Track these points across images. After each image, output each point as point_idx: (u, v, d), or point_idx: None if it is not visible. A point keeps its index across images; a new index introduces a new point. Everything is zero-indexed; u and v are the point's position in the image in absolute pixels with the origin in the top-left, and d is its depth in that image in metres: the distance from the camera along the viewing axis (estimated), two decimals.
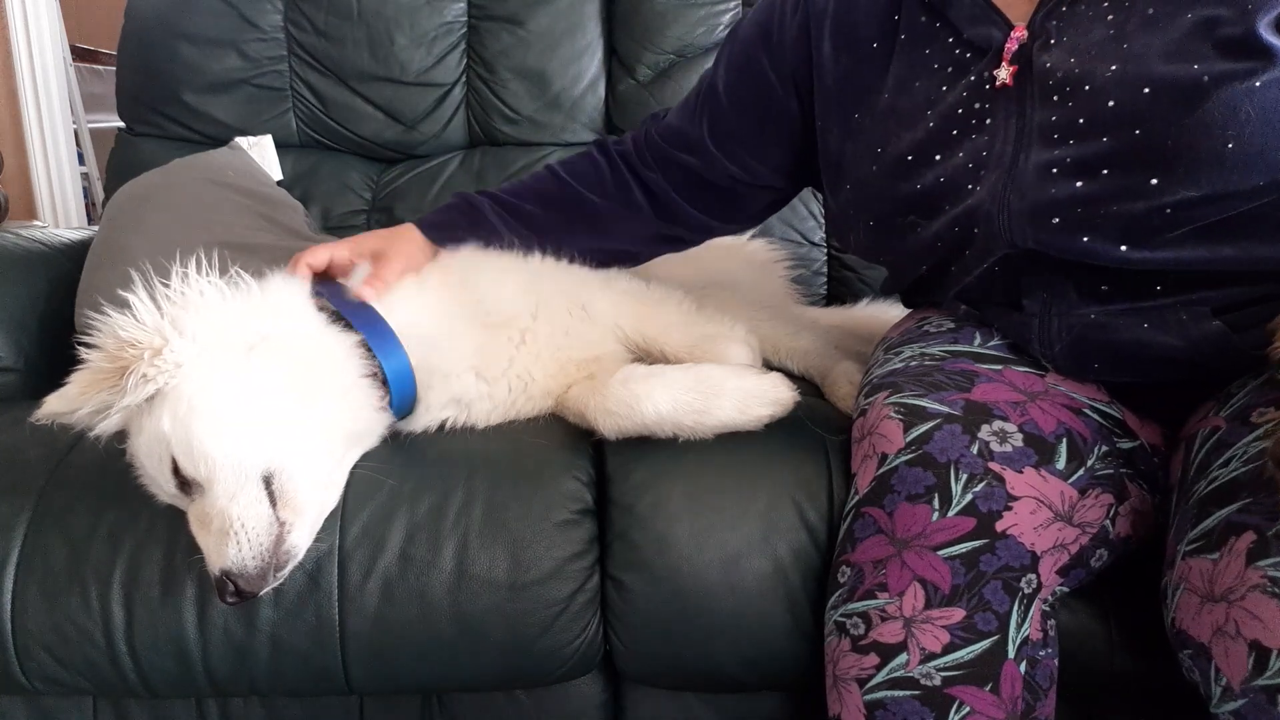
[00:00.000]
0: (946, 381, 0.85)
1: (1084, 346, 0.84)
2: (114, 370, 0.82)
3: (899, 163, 0.90)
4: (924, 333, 0.96)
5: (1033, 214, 0.80)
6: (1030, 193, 0.80)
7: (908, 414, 0.82)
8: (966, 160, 0.85)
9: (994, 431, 0.80)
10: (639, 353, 1.08)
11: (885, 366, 0.92)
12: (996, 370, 0.86)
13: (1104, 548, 0.81)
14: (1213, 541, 0.69)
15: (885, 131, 0.92)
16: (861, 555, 0.80)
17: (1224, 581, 0.67)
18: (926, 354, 0.91)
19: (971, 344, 0.91)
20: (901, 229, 0.91)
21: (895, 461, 0.80)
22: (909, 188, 0.89)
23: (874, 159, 0.92)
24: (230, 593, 0.81)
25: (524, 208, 1.14)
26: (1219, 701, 0.66)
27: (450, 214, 1.14)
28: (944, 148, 0.87)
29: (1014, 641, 0.76)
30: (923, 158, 0.88)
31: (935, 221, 0.88)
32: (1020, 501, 0.77)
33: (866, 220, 0.95)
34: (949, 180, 0.86)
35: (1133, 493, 0.83)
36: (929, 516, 0.77)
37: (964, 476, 0.77)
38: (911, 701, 0.75)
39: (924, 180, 0.88)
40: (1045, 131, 0.80)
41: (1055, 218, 0.79)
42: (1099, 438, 0.83)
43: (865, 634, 0.78)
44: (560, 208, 1.13)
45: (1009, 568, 0.76)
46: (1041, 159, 0.80)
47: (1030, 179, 0.80)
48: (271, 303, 0.92)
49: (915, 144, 0.89)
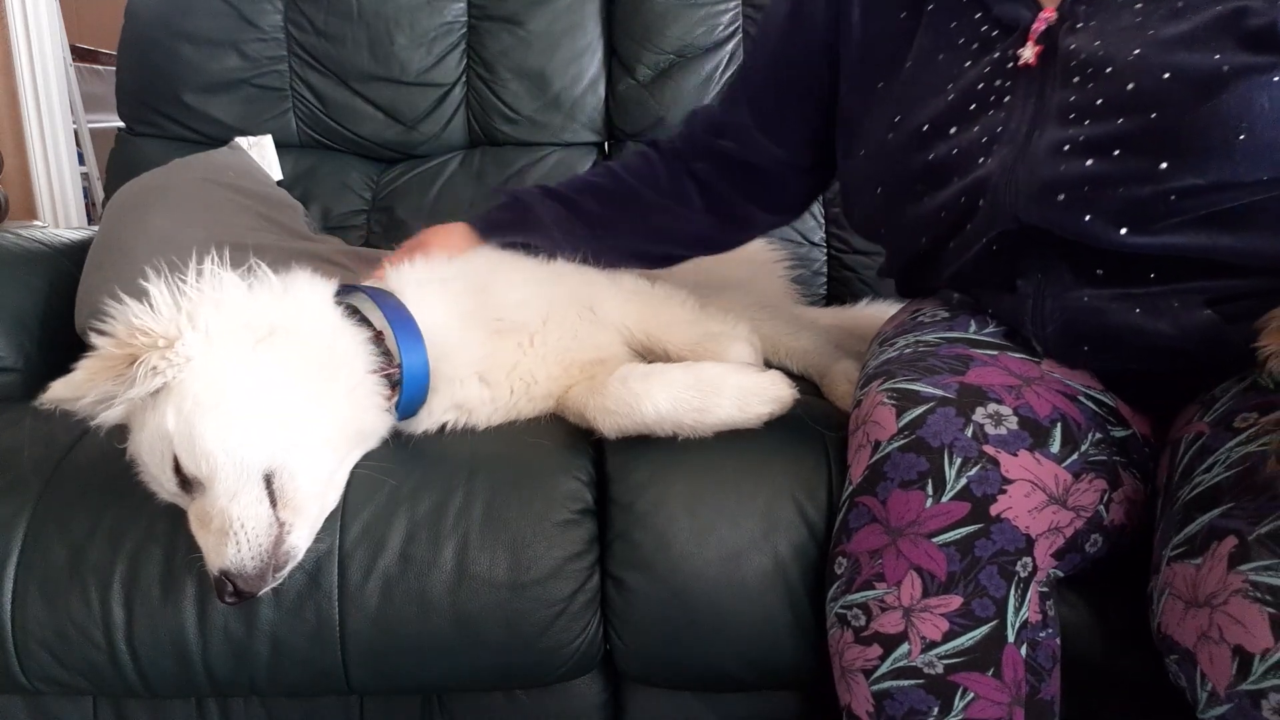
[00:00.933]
0: (941, 365, 0.85)
1: (1076, 329, 0.84)
2: (123, 358, 0.82)
3: (915, 133, 0.91)
4: (918, 323, 0.96)
5: (1040, 189, 0.81)
6: (1040, 169, 0.81)
7: (900, 398, 0.82)
8: (981, 135, 0.86)
9: (988, 414, 0.79)
10: (643, 351, 1.09)
11: (879, 357, 0.93)
12: (992, 355, 0.87)
13: (1098, 533, 0.81)
14: (1196, 546, 0.69)
15: (905, 102, 0.93)
16: (857, 545, 0.80)
17: (1207, 587, 0.67)
18: (921, 341, 0.91)
19: (966, 331, 0.91)
20: (909, 198, 0.92)
21: (888, 448, 0.80)
22: (922, 158, 0.90)
23: (891, 127, 0.93)
24: (229, 593, 0.81)
25: (578, 201, 1.15)
26: (1205, 707, 0.66)
27: (501, 213, 1.17)
28: (960, 121, 0.88)
29: (1013, 626, 0.76)
30: (939, 130, 0.89)
31: (942, 192, 0.89)
32: (1014, 484, 0.77)
33: (875, 187, 0.96)
34: (961, 153, 0.87)
35: (1125, 480, 0.83)
36: (922, 503, 0.77)
37: (958, 460, 0.77)
38: (917, 690, 0.75)
39: (937, 151, 0.89)
40: (1062, 111, 0.81)
41: (1061, 194, 0.79)
42: (1093, 424, 0.83)
43: (866, 625, 0.78)
44: (616, 202, 1.15)
45: (1004, 552, 0.76)
46: (1055, 137, 0.80)
47: (1042, 155, 0.81)
48: (290, 298, 0.92)
49: (933, 116, 0.90)
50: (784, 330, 1.21)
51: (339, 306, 0.95)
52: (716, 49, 1.68)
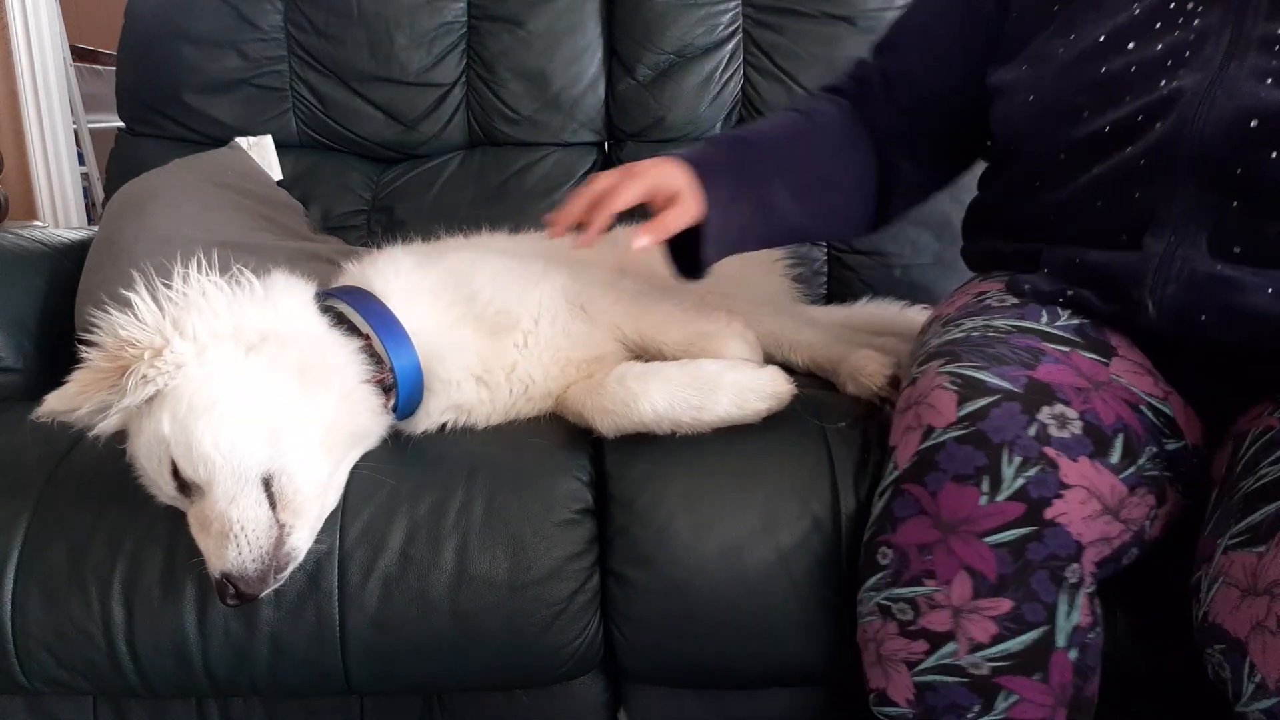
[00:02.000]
0: (1011, 356, 0.81)
1: (1198, 297, 0.80)
2: (114, 370, 0.82)
3: (1089, 46, 0.87)
4: (986, 307, 0.92)
5: (1236, 115, 0.77)
6: (1238, 96, 0.77)
7: (964, 386, 0.78)
8: (1165, 55, 0.82)
9: (1054, 415, 0.76)
10: (638, 351, 1.08)
11: (943, 336, 0.88)
12: (1064, 352, 0.82)
13: (1137, 547, 0.80)
14: (1260, 535, 0.68)
15: (1083, 16, 0.89)
16: (904, 538, 0.78)
17: (1269, 575, 0.66)
18: (991, 326, 0.87)
19: (1039, 322, 0.87)
20: (1068, 117, 0.88)
21: (943, 436, 0.76)
22: (1093, 70, 0.86)
23: (1063, 43, 0.90)
24: (231, 595, 0.81)
25: (795, 148, 1.04)
26: (1250, 699, 0.65)
27: (720, 152, 1.00)
28: (1141, 36, 0.85)
29: (1063, 631, 0.75)
30: (1116, 42, 0.86)
31: (1112, 110, 0.85)
32: (1072, 490, 0.74)
33: (1028, 96, 0.92)
34: (1140, 69, 0.83)
35: (1170, 497, 0.82)
36: (976, 500, 0.74)
37: (1017, 459, 0.74)
38: (960, 688, 0.75)
39: (1111, 65, 0.85)
40: (1266, 42, 0.78)
41: (1256, 121, 0.76)
42: (1150, 438, 0.81)
43: (914, 620, 0.77)
44: (811, 143, 1.04)
45: (1055, 557, 0.74)
46: (1258, 65, 0.78)
47: (1242, 82, 0.78)
48: (274, 304, 0.92)
49: (1112, 28, 0.86)
50: (787, 325, 1.19)
51: (324, 314, 0.95)
52: (716, 49, 1.68)
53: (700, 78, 1.67)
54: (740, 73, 1.69)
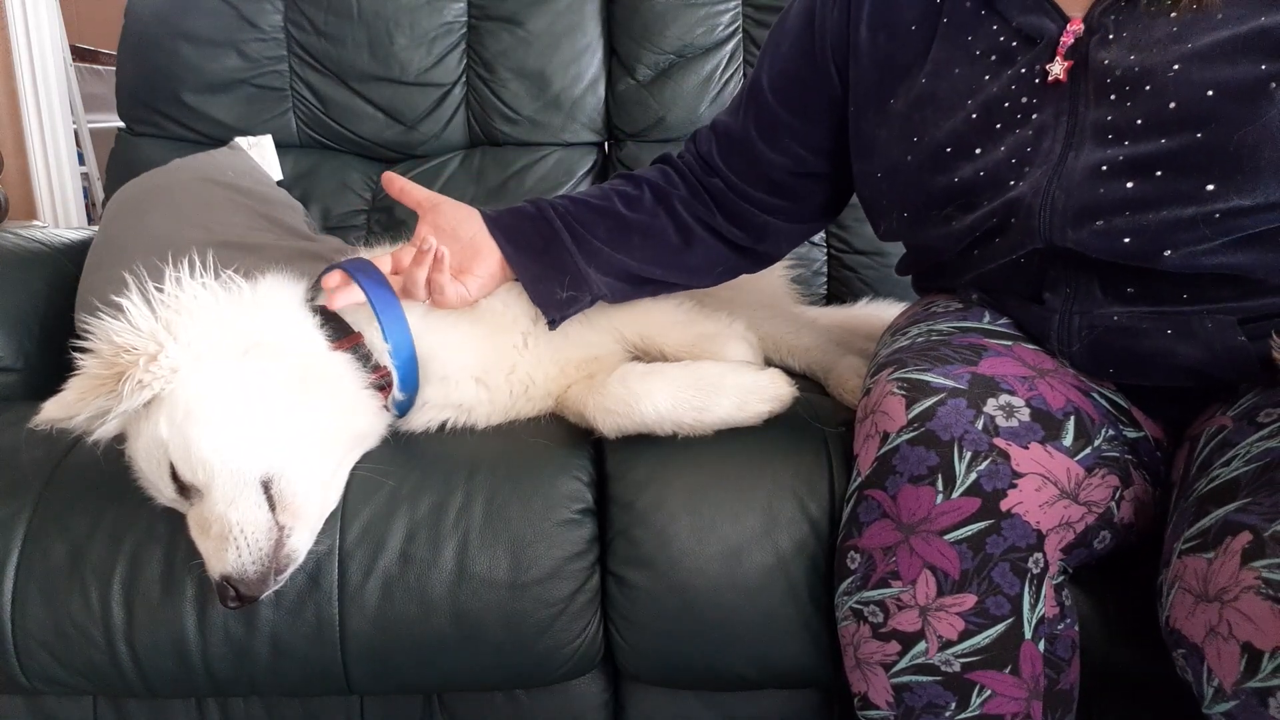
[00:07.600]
0: (953, 355, 0.83)
1: (1104, 349, 0.82)
2: (110, 376, 0.82)
3: (936, 154, 0.87)
4: (931, 313, 0.94)
5: (1078, 214, 0.78)
6: (1077, 192, 0.78)
7: (910, 389, 0.80)
8: (1009, 155, 0.82)
9: (1000, 405, 0.78)
10: (638, 352, 1.08)
11: (890, 346, 0.91)
12: (1006, 345, 0.85)
13: (1108, 530, 0.81)
14: (1209, 540, 0.69)
15: (922, 119, 0.89)
16: (870, 541, 0.79)
17: (1218, 581, 0.66)
18: (934, 330, 0.89)
19: (980, 321, 0.89)
20: (935, 221, 0.90)
21: (897, 440, 0.79)
22: (946, 180, 0.86)
23: (909, 147, 0.89)
24: (231, 598, 0.81)
25: (598, 223, 1.02)
26: (1211, 702, 0.66)
27: (519, 220, 1.02)
28: (985, 140, 0.84)
29: (1029, 622, 0.76)
30: (962, 149, 0.85)
31: (970, 215, 0.86)
32: (1025, 478, 0.76)
33: (900, 211, 0.93)
34: (989, 174, 0.84)
35: (1136, 480, 0.83)
36: (933, 499, 0.76)
37: (968, 454, 0.76)
38: (935, 686, 0.76)
39: (962, 174, 0.85)
40: (1099, 130, 0.78)
41: (1099, 219, 0.77)
42: (1106, 421, 0.82)
43: (884, 622, 0.78)
44: (636, 229, 1.03)
45: (1015, 548, 0.75)
46: (1093, 158, 0.77)
47: (1079, 178, 0.78)
48: (262, 310, 0.92)
49: (954, 134, 0.86)
50: (785, 329, 1.20)
51: (315, 315, 0.94)
52: (716, 49, 1.68)
53: (700, 78, 1.68)
54: (740, 73, 1.69)
